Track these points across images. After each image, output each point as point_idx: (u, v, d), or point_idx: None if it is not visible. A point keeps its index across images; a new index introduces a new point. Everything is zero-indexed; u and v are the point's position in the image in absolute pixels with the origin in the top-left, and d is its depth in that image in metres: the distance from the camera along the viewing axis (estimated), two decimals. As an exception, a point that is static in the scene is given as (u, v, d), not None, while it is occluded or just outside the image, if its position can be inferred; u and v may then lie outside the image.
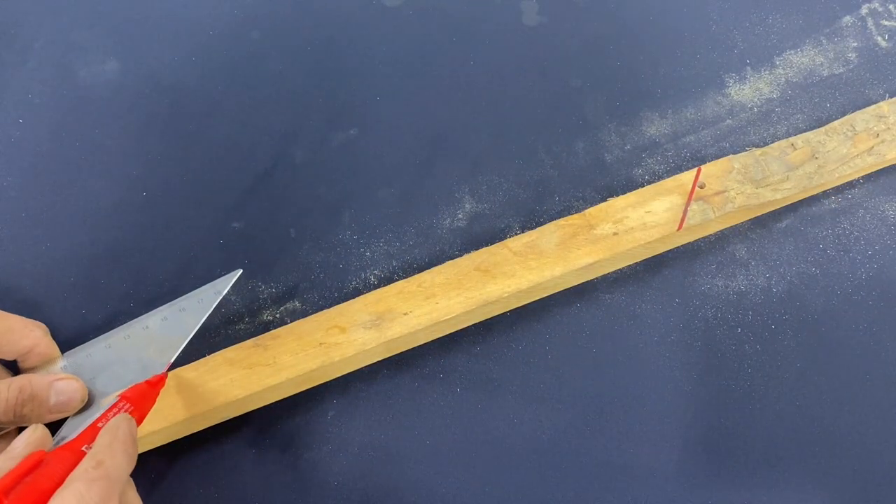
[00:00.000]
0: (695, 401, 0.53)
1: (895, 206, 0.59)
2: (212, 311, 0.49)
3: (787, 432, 0.52)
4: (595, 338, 0.54)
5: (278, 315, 0.54)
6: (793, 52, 0.65)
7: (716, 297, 0.56)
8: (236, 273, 0.50)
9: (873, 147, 0.58)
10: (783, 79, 0.64)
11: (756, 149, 0.58)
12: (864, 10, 0.67)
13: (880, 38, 0.66)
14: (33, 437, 0.40)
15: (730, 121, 0.62)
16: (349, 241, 0.56)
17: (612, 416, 0.52)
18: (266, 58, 0.63)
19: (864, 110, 0.60)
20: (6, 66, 0.62)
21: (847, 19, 0.66)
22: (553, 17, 0.66)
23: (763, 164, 0.57)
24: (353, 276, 0.55)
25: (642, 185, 0.57)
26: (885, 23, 0.66)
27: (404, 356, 0.53)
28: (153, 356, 0.48)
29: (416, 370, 0.53)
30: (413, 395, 0.52)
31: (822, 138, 0.58)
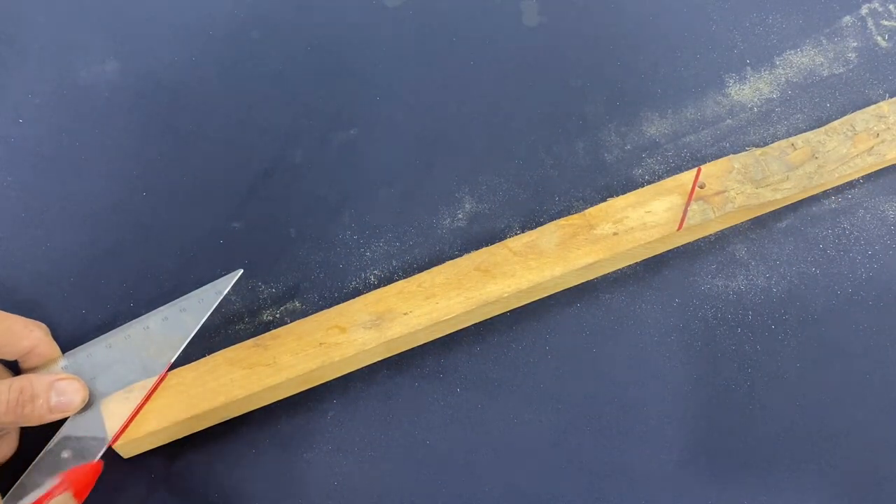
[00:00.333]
0: (695, 401, 0.53)
1: (895, 206, 0.59)
2: (212, 311, 0.49)
3: (787, 432, 0.52)
4: (595, 338, 0.54)
5: (278, 315, 0.54)
6: (793, 52, 0.65)
7: (716, 297, 0.56)
8: (237, 273, 0.50)
9: (873, 147, 0.58)
10: (783, 79, 0.64)
11: (756, 149, 0.58)
12: (864, 10, 0.67)
13: (880, 38, 0.66)
14: None
15: (730, 121, 0.62)
16: (349, 241, 0.56)
17: (612, 416, 0.52)
18: (266, 58, 0.63)
19: (864, 110, 0.60)
20: (6, 66, 0.62)
21: (847, 19, 0.66)
22: (553, 17, 0.66)
23: (763, 164, 0.57)
24: (353, 276, 0.55)
25: (642, 185, 0.57)
26: (885, 23, 0.66)
27: (404, 356, 0.53)
28: (153, 356, 0.48)
29: (416, 370, 0.53)
30: (413, 395, 0.52)
31: (822, 138, 0.58)
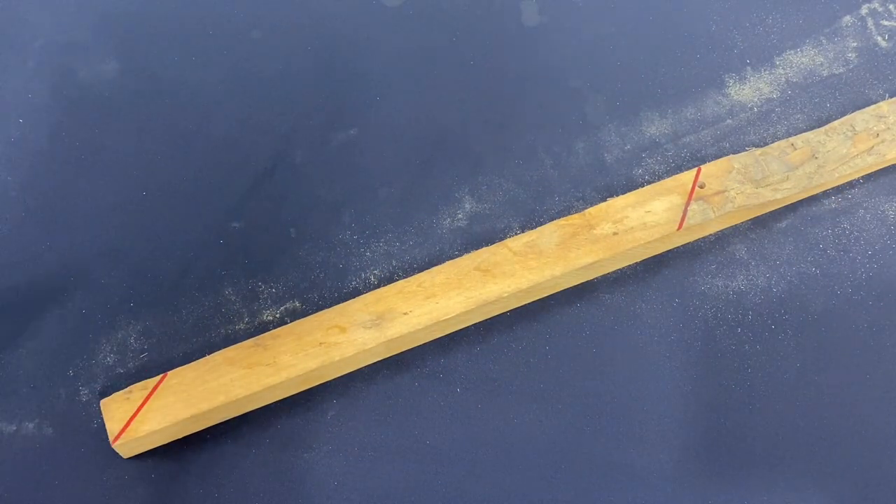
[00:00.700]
0: (695, 401, 0.52)
1: (895, 206, 0.59)
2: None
3: (787, 432, 0.52)
4: (595, 338, 0.54)
5: (278, 315, 0.54)
6: (793, 52, 0.65)
7: (716, 297, 0.56)
8: None
9: (873, 147, 0.58)
10: (783, 79, 0.64)
11: (756, 149, 0.58)
12: (864, 10, 0.67)
13: (880, 38, 0.66)
14: None
15: (730, 121, 0.62)
16: (349, 241, 0.56)
17: (612, 416, 0.52)
18: (266, 58, 0.63)
19: (864, 110, 0.60)
20: (6, 66, 0.62)
21: (847, 19, 0.66)
22: (553, 17, 0.66)
23: (763, 164, 0.57)
24: (353, 276, 0.55)
25: (642, 185, 0.57)
26: (885, 23, 0.66)
27: (404, 356, 0.53)
28: None
29: (416, 370, 0.53)
30: (413, 395, 0.52)
31: (822, 138, 0.58)
